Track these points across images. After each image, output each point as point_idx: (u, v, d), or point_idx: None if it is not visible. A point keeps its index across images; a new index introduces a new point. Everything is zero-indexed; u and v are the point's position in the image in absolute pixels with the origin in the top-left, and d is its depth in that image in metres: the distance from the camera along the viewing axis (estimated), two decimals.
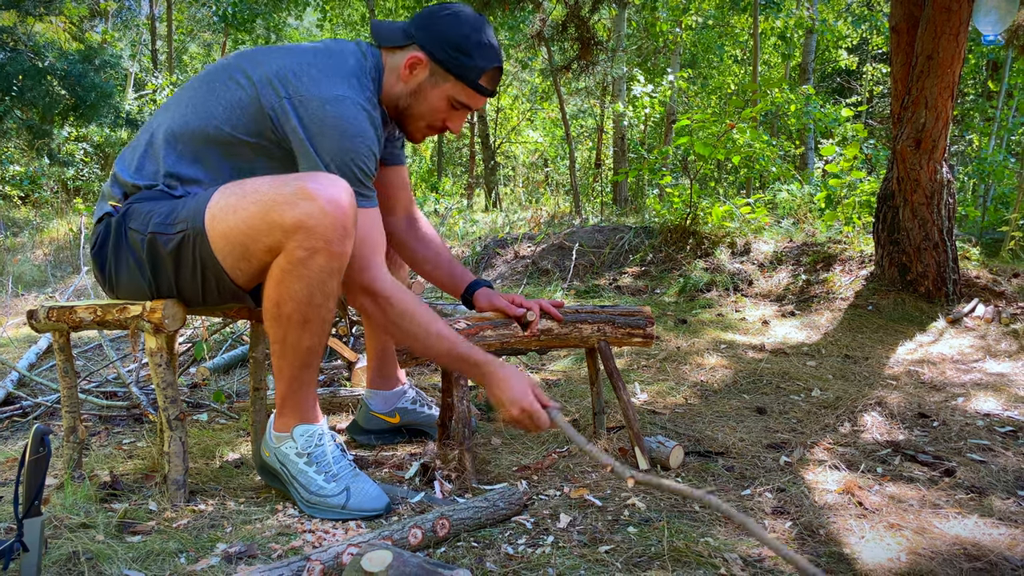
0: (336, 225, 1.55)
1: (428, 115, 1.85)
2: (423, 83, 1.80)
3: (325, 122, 1.65)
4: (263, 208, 1.56)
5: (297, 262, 1.57)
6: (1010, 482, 1.91)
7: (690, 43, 14.70)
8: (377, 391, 2.26)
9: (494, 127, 17.59)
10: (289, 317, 1.62)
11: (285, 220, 1.54)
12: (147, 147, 1.77)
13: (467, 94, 1.81)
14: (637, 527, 1.60)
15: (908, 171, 4.05)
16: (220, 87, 1.74)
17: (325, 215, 1.54)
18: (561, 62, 6.19)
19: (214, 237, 1.61)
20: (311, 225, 1.54)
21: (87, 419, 2.58)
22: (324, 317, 1.65)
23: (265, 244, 1.58)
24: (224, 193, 1.62)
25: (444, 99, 1.82)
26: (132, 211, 1.70)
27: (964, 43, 3.84)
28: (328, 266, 1.58)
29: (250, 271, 1.64)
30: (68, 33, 14.10)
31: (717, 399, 2.74)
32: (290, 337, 1.65)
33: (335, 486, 1.71)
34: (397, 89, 1.82)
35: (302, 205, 1.53)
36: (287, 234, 1.55)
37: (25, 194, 11.20)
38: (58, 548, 1.46)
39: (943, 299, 4.10)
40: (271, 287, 1.62)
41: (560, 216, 8.35)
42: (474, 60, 1.77)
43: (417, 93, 1.81)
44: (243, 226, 1.57)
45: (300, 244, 1.55)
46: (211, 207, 1.61)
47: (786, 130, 12.07)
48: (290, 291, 1.60)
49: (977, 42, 9.24)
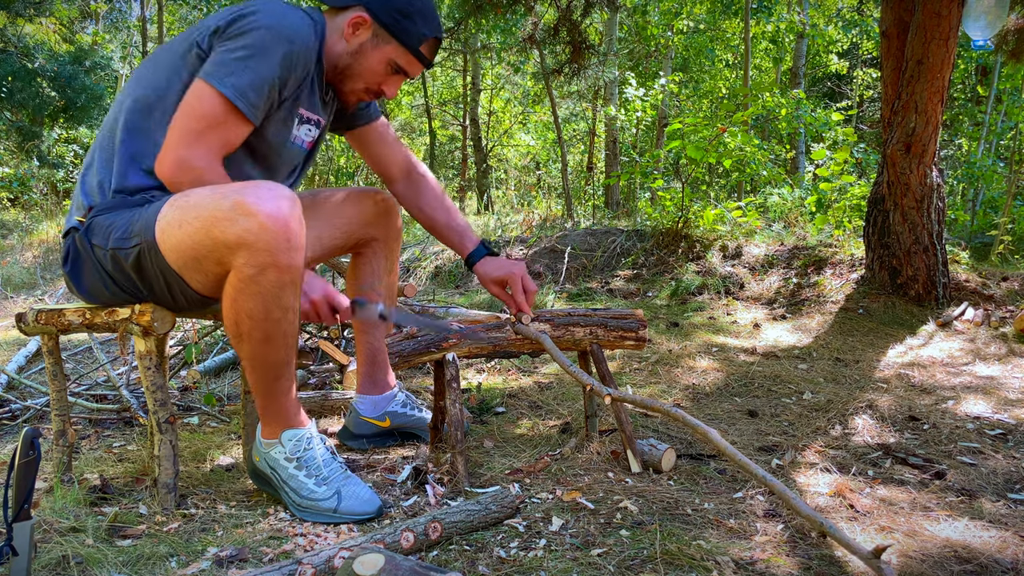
0: (279, 239, 1.52)
1: (366, 76, 1.85)
2: (365, 43, 1.81)
3: (261, 14, 1.65)
4: (205, 224, 1.52)
5: (248, 280, 1.55)
6: (1000, 484, 1.92)
7: (681, 47, 14.74)
8: (366, 395, 2.25)
9: (486, 130, 17.59)
10: (250, 335, 1.61)
11: (227, 237, 1.51)
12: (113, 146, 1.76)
13: (407, 59, 1.83)
14: (629, 530, 1.60)
15: (898, 175, 4.07)
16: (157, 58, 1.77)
17: (265, 230, 1.50)
18: (553, 65, 6.20)
19: (165, 251, 1.59)
20: (252, 242, 1.51)
21: (77, 422, 2.56)
22: (285, 330, 1.63)
23: (213, 259, 1.56)
24: (171, 206, 1.59)
25: (384, 62, 1.82)
26: (94, 225, 1.69)
27: (954, 48, 3.86)
28: (279, 280, 1.56)
29: (207, 281, 1.62)
30: (58, 35, 14.04)
31: (709, 402, 2.74)
32: (256, 354, 1.64)
33: (326, 490, 1.70)
34: (339, 48, 1.82)
35: (241, 222, 1.50)
36: (231, 251, 1.53)
37: (15, 196, 11.13)
38: (48, 552, 1.45)
39: (933, 302, 4.12)
40: (227, 306, 1.60)
41: (552, 219, 8.35)
42: (417, 26, 1.80)
43: (358, 53, 1.82)
44: (189, 241, 1.55)
45: (247, 262, 1.53)
46: (160, 220, 1.59)
47: (777, 134, 12.12)
48: (246, 309, 1.58)
49: (967, 47, 9.29)
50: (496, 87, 18.01)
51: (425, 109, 16.41)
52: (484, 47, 12.55)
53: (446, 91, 18.60)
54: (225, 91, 1.60)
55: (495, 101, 18.40)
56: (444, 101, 18.32)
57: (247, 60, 1.62)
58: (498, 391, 2.86)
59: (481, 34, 11.83)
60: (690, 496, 1.81)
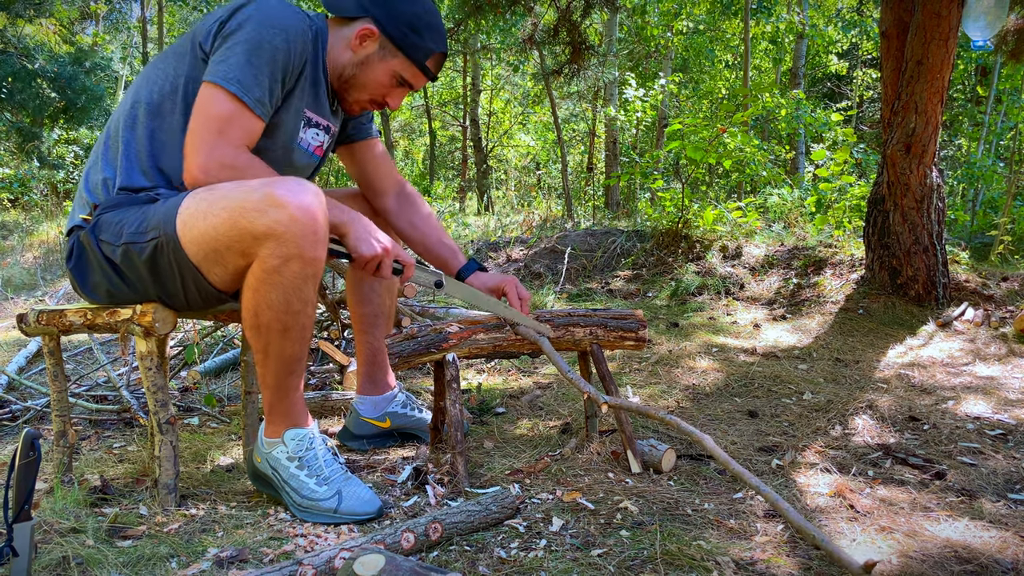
0: (307, 231, 1.55)
1: (371, 87, 1.87)
2: (371, 55, 1.82)
3: (255, 11, 1.67)
4: (232, 214, 1.54)
5: (272, 270, 1.56)
6: (1000, 485, 1.92)
7: (681, 48, 14.74)
8: (367, 396, 2.25)
9: (486, 131, 17.60)
10: (268, 326, 1.62)
11: (255, 228, 1.53)
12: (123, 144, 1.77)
13: (412, 72, 1.85)
14: (630, 531, 1.61)
15: (898, 175, 4.07)
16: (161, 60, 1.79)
17: (295, 222, 1.53)
18: (553, 66, 6.20)
19: (186, 242, 1.60)
20: (281, 232, 1.53)
21: (77, 423, 2.56)
22: (303, 323, 1.65)
23: (237, 250, 1.57)
24: (195, 198, 1.60)
25: (389, 74, 1.84)
26: (101, 222, 1.69)
27: (953, 48, 3.86)
28: (303, 272, 1.58)
29: (226, 275, 1.63)
30: (59, 36, 14.04)
31: (709, 402, 2.75)
32: (272, 346, 1.65)
33: (326, 490, 1.70)
34: (344, 58, 1.83)
35: (271, 212, 1.52)
36: (258, 241, 1.55)
37: (15, 197, 11.14)
38: (48, 553, 1.45)
39: (933, 303, 4.12)
40: (248, 296, 1.62)
41: (552, 220, 8.35)
42: (424, 41, 1.82)
43: (364, 64, 1.83)
44: (213, 232, 1.56)
45: (272, 252, 1.55)
46: (182, 212, 1.60)
47: (777, 135, 12.13)
48: (267, 300, 1.59)
49: (966, 48, 9.30)
50: (496, 88, 18.01)
51: (425, 110, 16.42)
52: (484, 48, 12.56)
53: (446, 92, 18.60)
54: (231, 88, 1.62)
55: (495, 101, 18.40)
56: (444, 102, 18.32)
57: (247, 55, 1.63)
58: (498, 392, 2.86)
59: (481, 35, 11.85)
60: (690, 496, 1.81)
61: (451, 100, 18.32)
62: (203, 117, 1.64)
